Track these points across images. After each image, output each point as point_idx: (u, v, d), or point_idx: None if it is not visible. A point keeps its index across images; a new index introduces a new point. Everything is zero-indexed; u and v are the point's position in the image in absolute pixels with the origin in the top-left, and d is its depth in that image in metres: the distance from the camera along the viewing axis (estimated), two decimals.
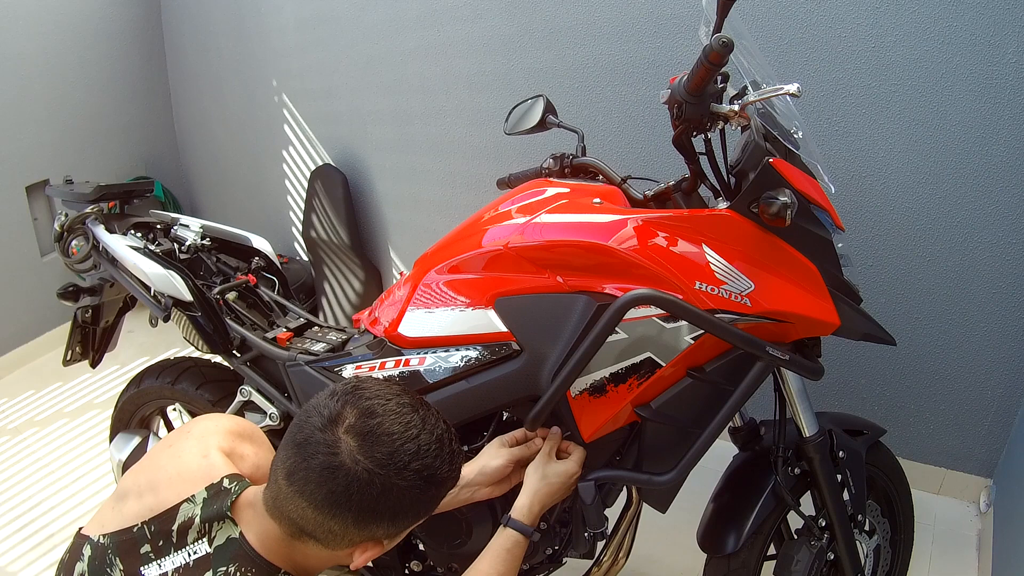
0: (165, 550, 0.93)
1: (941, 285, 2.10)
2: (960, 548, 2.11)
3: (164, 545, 0.94)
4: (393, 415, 0.88)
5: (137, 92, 3.34)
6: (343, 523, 0.88)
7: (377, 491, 0.86)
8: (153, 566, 0.93)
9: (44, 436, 2.63)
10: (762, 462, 1.53)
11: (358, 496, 0.85)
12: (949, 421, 2.23)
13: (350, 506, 0.86)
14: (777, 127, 1.28)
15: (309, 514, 0.87)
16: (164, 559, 0.93)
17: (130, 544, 0.95)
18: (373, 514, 0.88)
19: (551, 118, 1.63)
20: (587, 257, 1.29)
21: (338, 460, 0.85)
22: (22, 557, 2.12)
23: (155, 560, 0.94)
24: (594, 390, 1.33)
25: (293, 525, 0.90)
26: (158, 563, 0.93)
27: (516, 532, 1.22)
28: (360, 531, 0.89)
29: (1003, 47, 1.82)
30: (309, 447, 0.86)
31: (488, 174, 2.53)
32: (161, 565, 0.93)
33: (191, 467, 1.00)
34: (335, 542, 0.91)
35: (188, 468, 1.00)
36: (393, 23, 2.66)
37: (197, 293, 1.70)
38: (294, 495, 0.87)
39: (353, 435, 0.86)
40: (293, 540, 0.92)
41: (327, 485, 0.85)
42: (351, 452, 0.85)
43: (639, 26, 2.20)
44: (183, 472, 1.00)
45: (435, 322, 1.40)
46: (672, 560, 2.04)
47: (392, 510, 0.88)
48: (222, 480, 0.97)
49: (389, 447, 0.86)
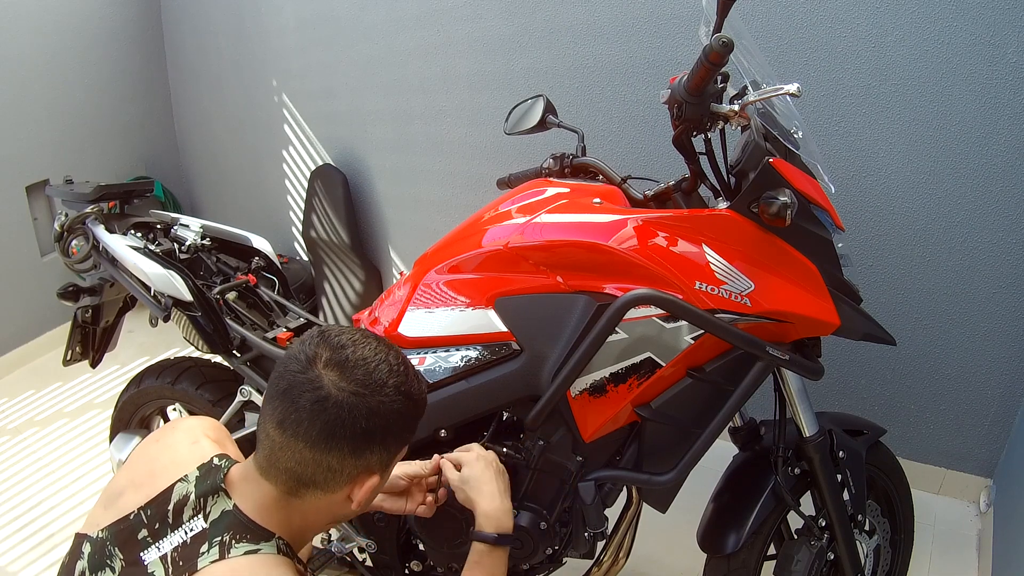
0: (162, 532, 0.94)
1: (941, 285, 2.10)
2: (960, 548, 2.11)
3: (160, 527, 0.95)
4: (361, 345, 0.96)
5: (137, 92, 3.34)
6: (340, 455, 0.92)
7: (364, 412, 0.91)
8: (152, 550, 0.93)
9: (44, 436, 2.63)
10: (762, 462, 1.53)
11: (350, 421, 0.91)
12: (949, 421, 2.23)
13: (344, 433, 0.91)
14: (777, 127, 1.28)
15: (307, 456, 0.91)
16: (162, 541, 0.94)
17: (128, 532, 0.96)
18: (366, 438, 0.92)
19: (551, 118, 1.63)
20: (587, 257, 1.29)
21: (324, 392, 0.90)
22: (22, 557, 2.12)
23: (153, 544, 0.94)
24: (594, 390, 1.33)
25: (291, 477, 0.93)
26: (156, 546, 0.94)
27: (477, 542, 1.21)
28: (357, 460, 0.94)
29: (1003, 47, 1.82)
30: (294, 390, 0.91)
31: (488, 174, 2.53)
32: (160, 547, 0.93)
33: (183, 453, 1.03)
34: (334, 481, 0.94)
35: (180, 455, 1.03)
36: (393, 23, 2.66)
37: (197, 293, 1.70)
38: (289, 441, 0.91)
39: (331, 367, 0.92)
40: (291, 498, 0.95)
41: (319, 419, 0.90)
42: (334, 382, 0.91)
43: (639, 26, 2.21)
44: (176, 459, 1.02)
45: (435, 322, 1.40)
46: (672, 560, 2.04)
47: (382, 430, 0.94)
48: (212, 459, 1.00)
49: (365, 369, 0.93)
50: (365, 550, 1.55)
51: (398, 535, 1.54)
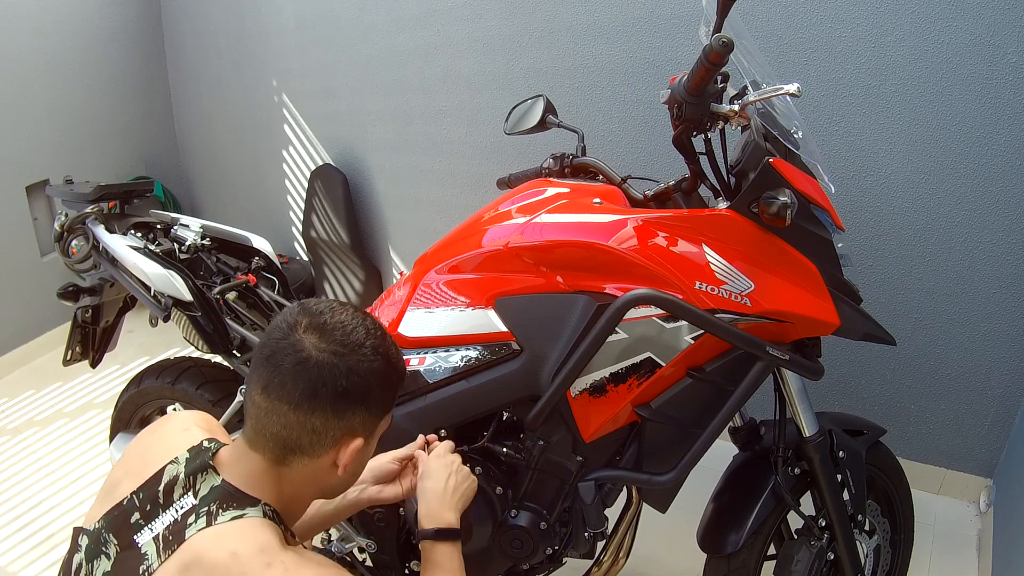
0: (153, 513, 0.96)
1: (941, 285, 2.10)
2: (960, 548, 2.11)
3: (152, 509, 0.96)
4: (338, 311, 1.01)
5: (137, 92, 3.34)
6: (323, 416, 0.96)
7: (344, 371, 0.95)
8: (145, 531, 0.95)
9: (44, 436, 2.63)
10: (762, 462, 1.53)
11: (331, 381, 0.95)
12: (949, 421, 2.23)
13: (325, 393, 0.95)
14: (777, 127, 1.28)
15: (291, 418, 0.95)
16: (154, 522, 0.95)
17: (122, 518, 0.97)
18: (346, 397, 0.96)
19: (551, 118, 1.63)
20: (587, 257, 1.29)
21: (305, 354, 0.95)
22: (22, 557, 2.12)
23: (146, 525, 0.95)
24: (594, 390, 1.33)
25: (277, 444, 0.96)
26: (149, 527, 0.95)
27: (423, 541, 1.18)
28: (339, 421, 0.97)
29: (1003, 47, 1.82)
30: (277, 356, 0.96)
31: (488, 174, 2.53)
32: (152, 528, 0.95)
33: (174, 440, 1.05)
34: (319, 444, 0.97)
35: (171, 441, 1.05)
36: (393, 23, 2.66)
37: (197, 293, 1.70)
38: (273, 405, 0.95)
39: (311, 331, 0.97)
40: (279, 467, 0.98)
41: (301, 380, 0.94)
42: (314, 344, 0.96)
43: (639, 26, 2.21)
44: (167, 446, 1.04)
45: (435, 322, 1.40)
46: (672, 560, 2.04)
47: (361, 390, 0.97)
48: (202, 442, 1.02)
49: (343, 332, 0.98)
50: (365, 550, 1.55)
51: (398, 535, 1.54)
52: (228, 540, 0.91)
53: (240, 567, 0.88)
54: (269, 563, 0.89)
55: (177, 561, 0.90)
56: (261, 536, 0.91)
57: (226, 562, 0.88)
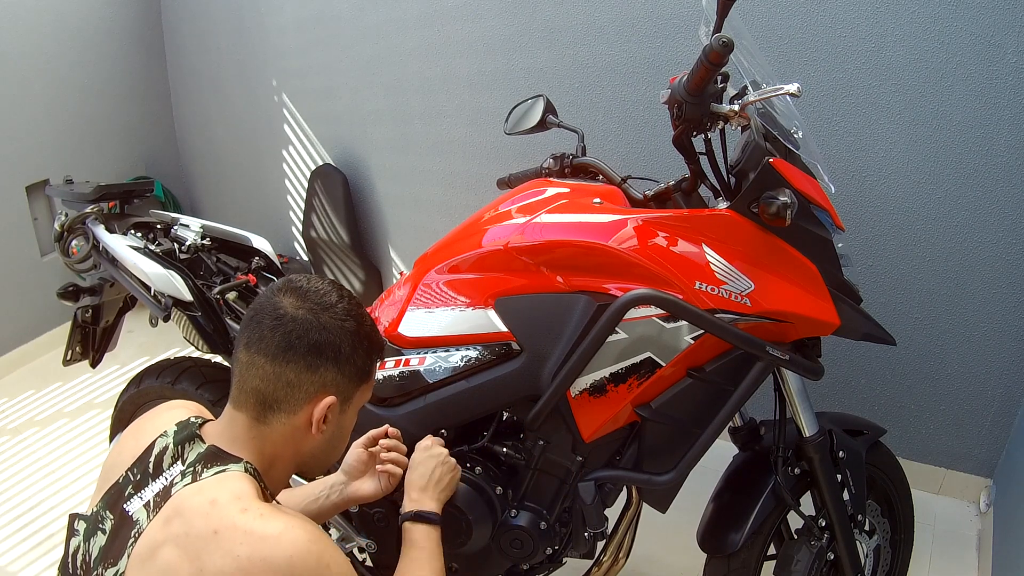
0: (144, 482, 1.01)
1: (941, 285, 2.10)
2: (960, 548, 2.11)
3: (143, 479, 1.02)
4: (316, 280, 1.10)
5: (137, 92, 3.34)
6: (296, 369, 1.03)
7: (316, 326, 1.04)
8: (135, 500, 1.00)
9: (44, 436, 2.63)
10: (762, 462, 1.53)
11: (303, 333, 1.03)
12: (949, 421, 2.23)
13: (299, 344, 1.03)
14: (777, 127, 1.28)
15: (268, 370, 1.02)
16: (144, 490, 1.00)
17: (117, 495, 1.02)
18: (318, 351, 1.04)
19: (551, 118, 1.63)
20: (587, 257, 1.29)
21: (282, 311, 1.04)
22: (22, 557, 2.12)
23: (136, 494, 1.00)
24: (594, 390, 1.33)
25: (257, 400, 1.03)
26: (139, 495, 1.00)
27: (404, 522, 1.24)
28: (312, 375, 1.04)
29: (1003, 47, 1.82)
30: (259, 315, 1.05)
31: (488, 174, 2.53)
32: (143, 496, 1.00)
33: (165, 418, 1.11)
34: (294, 399, 1.04)
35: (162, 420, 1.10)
36: (393, 23, 2.66)
37: (197, 293, 1.70)
38: (253, 358, 1.03)
39: (289, 295, 1.06)
40: (259, 425, 1.04)
41: (278, 333, 1.03)
42: (291, 304, 1.05)
43: (639, 26, 2.21)
44: (157, 425, 1.09)
45: (435, 322, 1.40)
46: (672, 560, 2.04)
47: (333, 348, 1.05)
48: (189, 417, 1.09)
49: (317, 294, 1.07)
50: (365, 550, 1.55)
51: (398, 535, 1.54)
52: (208, 491, 0.97)
53: (217, 512, 0.94)
54: (245, 508, 0.95)
55: (162, 516, 0.95)
56: (239, 486, 0.98)
57: (205, 509, 0.94)
